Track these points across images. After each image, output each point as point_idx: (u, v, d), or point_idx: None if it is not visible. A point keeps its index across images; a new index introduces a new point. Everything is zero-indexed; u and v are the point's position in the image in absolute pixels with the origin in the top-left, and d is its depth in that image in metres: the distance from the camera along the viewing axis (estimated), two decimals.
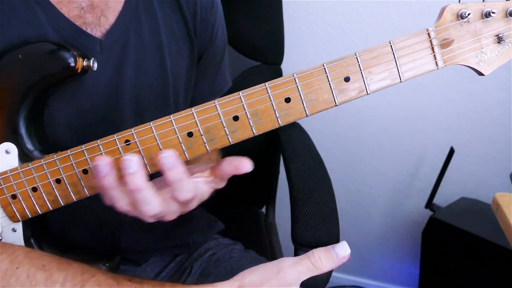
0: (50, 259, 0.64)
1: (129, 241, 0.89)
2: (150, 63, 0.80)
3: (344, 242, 0.61)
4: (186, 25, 0.84)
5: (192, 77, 0.90)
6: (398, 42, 0.61)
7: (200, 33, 0.87)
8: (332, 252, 0.60)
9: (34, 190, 0.69)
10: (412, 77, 0.62)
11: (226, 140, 0.64)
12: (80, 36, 0.73)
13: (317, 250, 0.60)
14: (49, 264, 0.63)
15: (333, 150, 1.67)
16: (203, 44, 0.89)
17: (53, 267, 0.62)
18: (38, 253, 0.65)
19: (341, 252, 0.60)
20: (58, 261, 0.64)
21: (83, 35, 0.73)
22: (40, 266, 0.62)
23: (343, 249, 0.60)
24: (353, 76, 0.61)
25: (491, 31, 0.62)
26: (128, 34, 0.77)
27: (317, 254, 0.60)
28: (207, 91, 0.97)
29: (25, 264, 0.62)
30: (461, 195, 1.61)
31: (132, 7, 0.78)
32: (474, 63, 0.62)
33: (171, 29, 0.83)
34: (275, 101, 0.62)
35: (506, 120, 1.48)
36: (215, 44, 0.91)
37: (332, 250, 0.60)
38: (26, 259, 0.63)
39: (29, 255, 0.64)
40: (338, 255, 0.59)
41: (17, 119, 0.69)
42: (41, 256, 0.64)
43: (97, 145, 0.65)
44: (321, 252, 0.60)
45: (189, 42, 0.86)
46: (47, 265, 0.62)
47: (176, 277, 0.97)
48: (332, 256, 0.60)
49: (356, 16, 1.45)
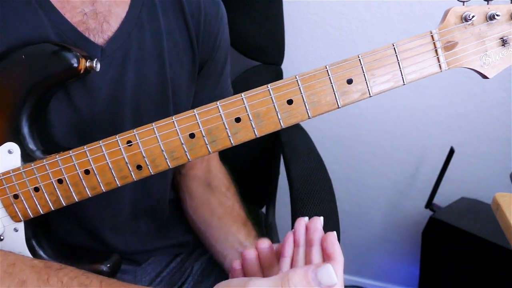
0: (30, 272, 0.63)
1: (127, 242, 0.89)
2: (150, 71, 0.80)
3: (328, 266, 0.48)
4: (189, 35, 0.84)
5: (193, 87, 0.89)
6: (401, 44, 0.61)
7: (202, 43, 0.86)
8: (311, 278, 0.48)
9: (36, 190, 0.69)
10: (415, 80, 0.62)
11: (228, 141, 0.64)
12: (82, 42, 0.73)
13: (294, 273, 0.49)
14: (29, 280, 0.62)
15: (334, 150, 1.67)
16: (205, 54, 0.88)
17: (33, 283, 0.62)
18: (19, 265, 0.65)
19: (324, 279, 0.48)
20: (38, 275, 0.63)
21: (85, 41, 0.73)
22: (20, 282, 0.62)
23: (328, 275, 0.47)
24: (355, 78, 0.61)
25: (495, 33, 0.62)
26: (130, 42, 0.77)
27: (292, 280, 0.48)
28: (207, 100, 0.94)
29: (6, 280, 0.62)
30: (461, 195, 1.61)
31: (135, 15, 0.78)
32: (478, 66, 0.62)
33: (173, 38, 0.82)
34: (277, 103, 0.62)
35: (506, 120, 1.48)
36: (217, 54, 0.90)
37: (313, 274, 0.48)
38: (6, 274, 0.63)
39: (9, 269, 0.63)
40: (320, 283, 0.48)
41: (19, 119, 0.69)
42: (22, 270, 0.64)
43: (99, 146, 0.65)
44: (298, 277, 0.48)
45: (191, 51, 0.85)
46: (27, 281, 0.62)
47: (176, 277, 0.97)
48: (311, 283, 0.48)
49: (356, 16, 1.45)
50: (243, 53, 1.29)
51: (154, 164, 0.65)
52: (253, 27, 1.27)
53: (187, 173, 0.99)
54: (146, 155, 0.65)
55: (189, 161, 0.65)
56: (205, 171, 0.99)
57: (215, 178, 0.99)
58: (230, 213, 0.94)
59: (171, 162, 0.65)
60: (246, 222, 0.93)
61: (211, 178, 0.99)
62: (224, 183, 0.99)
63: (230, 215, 0.93)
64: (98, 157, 0.66)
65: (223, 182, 0.99)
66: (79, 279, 0.64)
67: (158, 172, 0.66)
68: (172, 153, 0.65)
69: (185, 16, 0.83)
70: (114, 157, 0.66)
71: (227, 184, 0.99)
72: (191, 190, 0.98)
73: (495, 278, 1.39)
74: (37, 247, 0.74)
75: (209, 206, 0.95)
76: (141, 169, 0.66)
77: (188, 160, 0.65)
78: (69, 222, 0.82)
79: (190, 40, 0.84)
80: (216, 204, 0.95)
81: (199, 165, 0.98)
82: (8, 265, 0.64)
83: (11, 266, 0.64)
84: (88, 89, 0.75)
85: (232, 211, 0.94)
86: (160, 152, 0.64)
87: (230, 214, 0.93)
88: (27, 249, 0.73)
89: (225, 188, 0.98)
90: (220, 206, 0.95)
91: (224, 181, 1.00)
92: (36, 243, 0.74)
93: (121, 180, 0.67)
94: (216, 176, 0.99)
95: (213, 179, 0.99)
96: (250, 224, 0.93)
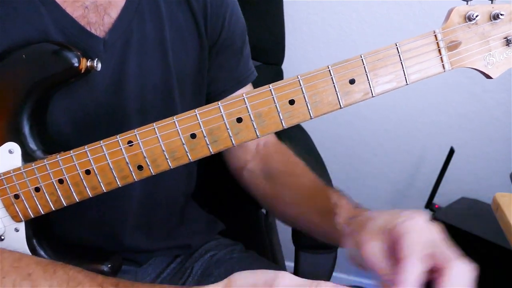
0: (36, 266, 0.63)
1: (130, 241, 0.89)
2: (152, 60, 0.80)
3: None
4: (194, 21, 0.82)
5: (203, 73, 0.88)
6: (404, 44, 0.60)
7: (211, 26, 0.84)
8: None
9: (36, 190, 0.68)
10: (418, 80, 0.61)
11: (229, 141, 0.64)
12: (84, 36, 0.73)
13: (326, 284, 0.51)
14: (35, 273, 0.62)
15: (334, 150, 1.67)
16: (215, 36, 0.86)
17: (39, 276, 0.62)
18: (25, 260, 0.65)
19: None
20: (44, 268, 0.63)
21: (87, 35, 0.73)
22: (26, 275, 0.62)
23: None
24: (358, 78, 0.61)
25: (499, 33, 0.61)
26: (131, 31, 0.77)
27: None
28: (229, 81, 0.91)
29: (12, 273, 0.62)
30: (461, 195, 1.61)
31: (135, 3, 0.77)
32: (482, 66, 0.62)
33: (176, 25, 0.81)
34: (279, 103, 0.62)
35: (506, 120, 1.49)
36: (230, 33, 0.87)
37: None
38: (12, 269, 0.63)
39: (15, 263, 0.64)
40: None
41: (20, 118, 0.69)
42: (27, 265, 0.64)
43: (100, 146, 0.65)
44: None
45: (198, 37, 0.84)
46: (32, 274, 0.62)
47: (177, 278, 0.96)
48: None
49: (356, 16, 1.45)
50: None
51: (155, 164, 0.65)
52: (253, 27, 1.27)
53: (245, 167, 0.94)
54: (147, 155, 0.65)
55: (190, 161, 0.65)
56: (263, 161, 0.93)
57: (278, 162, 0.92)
58: (313, 187, 0.84)
59: (172, 162, 0.65)
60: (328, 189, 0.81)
61: (272, 167, 0.92)
62: (289, 161, 0.91)
63: (313, 189, 0.84)
64: (99, 157, 0.66)
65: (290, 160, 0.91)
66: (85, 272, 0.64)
67: (159, 172, 0.66)
68: (173, 153, 0.64)
69: (189, 1, 0.82)
70: (115, 157, 0.65)
71: (293, 161, 0.91)
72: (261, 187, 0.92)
73: (495, 278, 1.39)
74: (38, 247, 0.74)
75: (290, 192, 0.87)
76: (142, 169, 0.66)
77: (189, 160, 0.65)
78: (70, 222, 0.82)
79: (196, 24, 0.83)
80: (295, 186, 0.87)
81: (251, 157, 0.94)
82: (14, 260, 0.64)
83: (17, 261, 0.64)
84: (89, 82, 0.74)
85: (314, 184, 0.84)
86: (161, 152, 0.64)
87: (314, 188, 0.84)
88: (27, 249, 0.73)
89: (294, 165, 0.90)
90: (300, 186, 0.86)
91: (290, 158, 0.92)
92: (37, 243, 0.74)
93: (122, 180, 0.67)
94: (275, 159, 0.93)
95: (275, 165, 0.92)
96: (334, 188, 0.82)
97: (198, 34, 0.84)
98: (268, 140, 0.95)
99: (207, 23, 0.84)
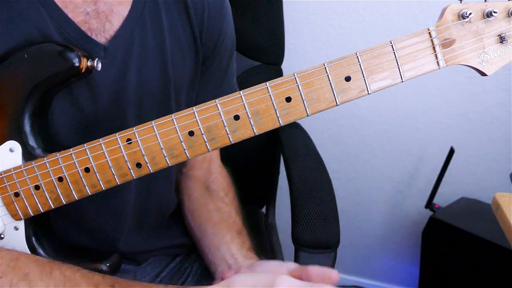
0: (34, 266, 0.64)
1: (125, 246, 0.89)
2: (152, 69, 0.80)
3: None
4: (192, 31, 0.84)
5: (195, 83, 0.89)
6: (399, 42, 0.61)
7: (206, 39, 0.86)
8: None
9: (36, 188, 0.69)
10: (413, 77, 0.62)
11: (227, 139, 0.64)
12: (85, 41, 0.73)
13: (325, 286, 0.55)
14: (32, 273, 0.63)
15: (333, 150, 1.67)
16: (208, 50, 0.88)
17: (36, 277, 0.62)
18: (22, 259, 0.65)
19: None
20: (41, 268, 0.64)
21: (88, 40, 0.73)
22: (23, 275, 0.62)
23: None
24: (354, 76, 0.61)
25: (493, 31, 0.62)
26: (133, 40, 0.77)
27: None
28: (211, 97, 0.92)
29: (9, 273, 0.62)
30: (461, 195, 1.61)
31: (138, 12, 0.78)
32: (476, 63, 0.62)
33: (175, 35, 0.82)
34: (276, 100, 0.62)
35: (506, 120, 1.48)
36: (221, 50, 0.90)
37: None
38: (10, 268, 0.63)
39: (12, 263, 0.64)
40: None
41: (22, 117, 0.70)
42: (25, 264, 0.64)
43: (99, 144, 0.66)
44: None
45: (194, 47, 0.85)
46: (29, 274, 0.63)
47: (176, 277, 0.97)
48: None
49: (356, 16, 1.45)
50: (243, 53, 1.29)
51: (154, 162, 0.66)
52: (253, 27, 1.28)
53: (188, 173, 0.98)
54: (145, 153, 0.65)
55: (188, 159, 0.65)
56: (206, 172, 0.98)
57: (214, 181, 0.98)
58: (226, 220, 0.92)
59: (170, 160, 0.65)
60: (241, 231, 0.91)
61: (210, 181, 0.98)
62: (223, 187, 0.98)
63: (225, 222, 0.92)
64: (98, 155, 0.66)
65: (223, 186, 0.98)
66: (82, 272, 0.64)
67: (157, 170, 0.67)
68: (172, 151, 0.65)
69: (189, 12, 0.82)
70: (114, 155, 0.66)
71: (226, 188, 0.98)
72: (190, 191, 0.98)
73: (495, 278, 1.39)
74: (37, 246, 0.75)
75: (206, 210, 0.94)
76: (140, 167, 0.66)
77: (188, 158, 0.65)
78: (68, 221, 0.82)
79: (193, 36, 0.84)
80: (213, 208, 0.94)
81: (199, 165, 0.98)
82: (11, 259, 0.64)
83: (14, 260, 0.64)
84: (91, 88, 0.75)
85: (228, 218, 0.92)
86: (159, 150, 0.65)
87: (225, 221, 0.92)
88: (27, 248, 0.73)
89: (224, 192, 0.97)
90: (217, 211, 0.93)
91: (224, 185, 0.98)
92: (36, 242, 0.75)
93: (121, 178, 0.67)
94: (216, 179, 0.98)
95: (213, 182, 0.98)
96: (245, 233, 0.91)
97: (195, 46, 0.85)
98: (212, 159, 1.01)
99: (203, 34, 0.85)
